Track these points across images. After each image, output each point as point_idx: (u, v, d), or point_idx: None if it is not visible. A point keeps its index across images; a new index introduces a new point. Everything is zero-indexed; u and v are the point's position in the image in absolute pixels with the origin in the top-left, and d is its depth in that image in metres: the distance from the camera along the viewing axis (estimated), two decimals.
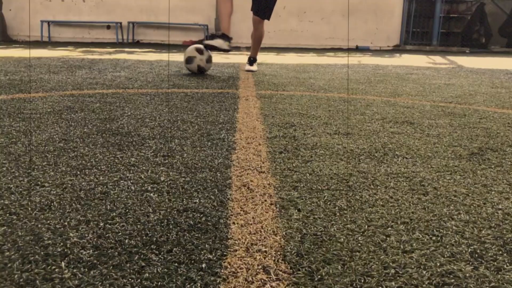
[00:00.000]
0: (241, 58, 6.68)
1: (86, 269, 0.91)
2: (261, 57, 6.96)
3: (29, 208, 1.18)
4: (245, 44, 10.49)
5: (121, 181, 1.39)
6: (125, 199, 1.26)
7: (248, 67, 4.70)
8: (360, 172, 1.55)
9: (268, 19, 4.33)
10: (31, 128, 2.02)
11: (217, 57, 6.62)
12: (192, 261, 0.95)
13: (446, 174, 1.56)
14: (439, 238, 1.08)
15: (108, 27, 10.37)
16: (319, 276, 0.91)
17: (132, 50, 7.53)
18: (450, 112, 2.69)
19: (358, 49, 10.23)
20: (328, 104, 2.84)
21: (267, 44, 10.44)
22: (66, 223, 1.10)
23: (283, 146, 1.83)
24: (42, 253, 0.97)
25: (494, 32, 10.74)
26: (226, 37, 4.24)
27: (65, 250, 0.98)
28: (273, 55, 7.59)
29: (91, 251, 0.98)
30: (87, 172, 1.47)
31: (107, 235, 1.05)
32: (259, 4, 4.30)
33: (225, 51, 4.23)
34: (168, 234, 1.06)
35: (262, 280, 0.89)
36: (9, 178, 1.40)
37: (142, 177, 1.44)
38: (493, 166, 1.66)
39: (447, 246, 1.05)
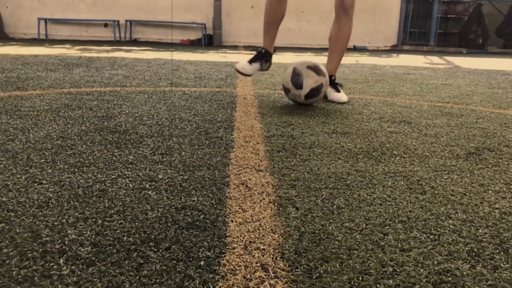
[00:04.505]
0: (239, 57, 6.67)
1: (85, 266, 0.91)
2: None
3: (27, 205, 1.18)
4: (243, 43, 10.49)
5: (119, 179, 1.39)
6: (123, 197, 1.26)
7: (335, 95, 2.96)
8: (358, 171, 1.55)
9: None
10: (29, 125, 2.01)
11: (214, 56, 6.61)
12: (191, 259, 0.95)
13: (444, 173, 1.56)
14: (436, 237, 1.09)
15: (106, 25, 10.35)
16: (317, 274, 0.91)
17: (130, 49, 7.51)
18: (447, 112, 2.70)
19: (356, 49, 10.25)
20: (326, 103, 2.84)
21: None
22: (64, 220, 1.10)
23: (281, 145, 1.84)
24: (40, 250, 0.96)
25: (491, 33, 10.78)
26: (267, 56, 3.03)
27: (63, 247, 0.98)
28: None
29: (89, 248, 0.98)
30: (85, 170, 1.46)
31: (105, 232, 1.05)
32: None
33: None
34: (167, 232, 1.06)
35: (261, 278, 0.90)
36: (7, 175, 1.39)
37: (140, 175, 1.44)
38: (490, 166, 1.67)
39: (445, 245, 1.05)
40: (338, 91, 2.98)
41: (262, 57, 2.99)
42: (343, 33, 2.95)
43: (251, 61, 2.96)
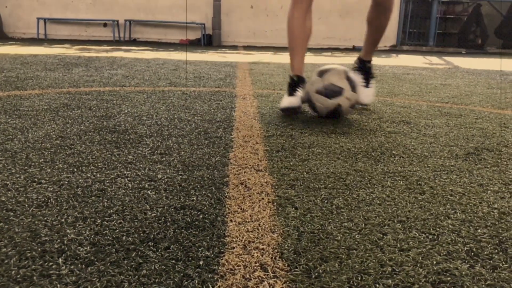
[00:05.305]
0: (238, 56, 6.67)
1: (83, 266, 0.91)
2: (259, 56, 6.97)
3: (26, 205, 1.18)
4: (242, 43, 10.49)
5: (118, 179, 1.39)
6: (122, 197, 1.26)
7: (363, 91, 2.74)
8: (357, 171, 1.55)
9: None
10: (28, 125, 2.01)
11: (213, 56, 6.61)
12: (190, 258, 0.95)
13: (443, 173, 1.56)
14: (435, 237, 1.09)
15: (105, 25, 10.34)
16: (316, 274, 0.91)
17: (129, 48, 7.51)
18: (446, 112, 2.70)
19: (355, 49, 10.25)
20: None
21: (264, 43, 10.44)
22: (63, 220, 1.10)
23: (280, 145, 1.84)
24: (39, 249, 0.96)
25: (490, 33, 10.79)
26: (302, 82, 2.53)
27: (62, 246, 0.98)
28: (270, 54, 7.59)
29: (88, 247, 0.98)
30: (84, 169, 1.46)
31: (104, 232, 1.05)
32: None
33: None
34: (166, 231, 1.06)
35: (260, 278, 0.90)
36: (6, 175, 1.39)
37: (139, 174, 1.44)
38: (489, 166, 1.67)
39: (444, 245, 1.05)
40: (367, 85, 2.76)
41: (297, 85, 2.48)
42: (382, 22, 2.67)
43: (290, 93, 2.49)
